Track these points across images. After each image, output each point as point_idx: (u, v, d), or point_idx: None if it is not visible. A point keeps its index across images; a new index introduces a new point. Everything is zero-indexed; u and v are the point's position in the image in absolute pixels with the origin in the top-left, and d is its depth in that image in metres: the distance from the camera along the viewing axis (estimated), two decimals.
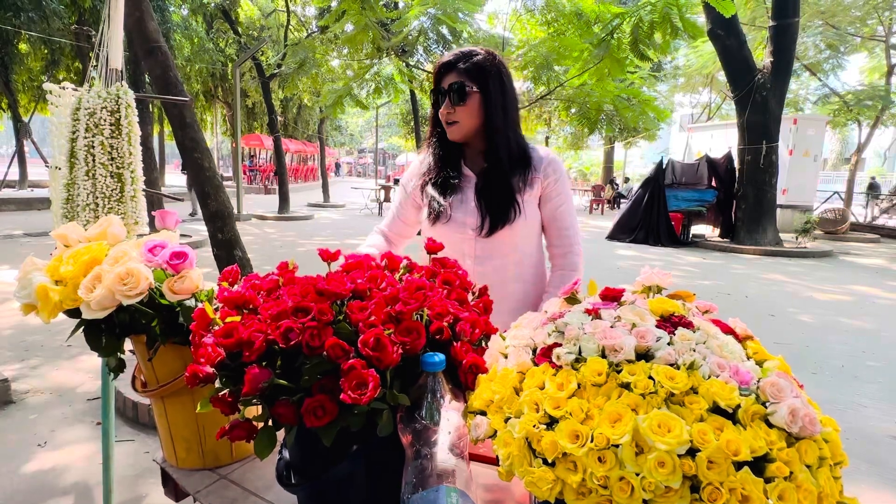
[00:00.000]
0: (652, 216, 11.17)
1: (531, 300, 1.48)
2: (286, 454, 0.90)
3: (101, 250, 0.93)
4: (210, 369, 0.74)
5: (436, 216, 1.42)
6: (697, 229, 11.96)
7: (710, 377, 0.58)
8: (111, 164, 1.43)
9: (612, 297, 0.71)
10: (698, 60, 16.95)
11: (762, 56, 10.82)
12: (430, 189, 1.43)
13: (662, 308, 0.68)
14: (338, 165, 47.95)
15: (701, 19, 9.91)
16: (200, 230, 9.99)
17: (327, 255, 0.94)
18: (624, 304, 0.69)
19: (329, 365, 0.70)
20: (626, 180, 23.74)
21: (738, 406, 0.55)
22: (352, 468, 0.78)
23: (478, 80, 1.33)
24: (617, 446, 0.52)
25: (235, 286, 0.92)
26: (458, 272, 0.92)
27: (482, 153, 1.42)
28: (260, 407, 0.76)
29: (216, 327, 0.80)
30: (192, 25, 16.65)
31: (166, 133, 21.42)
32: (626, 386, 0.57)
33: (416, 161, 1.54)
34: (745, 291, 6.71)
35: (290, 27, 13.83)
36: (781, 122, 10.55)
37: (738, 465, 0.50)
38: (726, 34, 10.05)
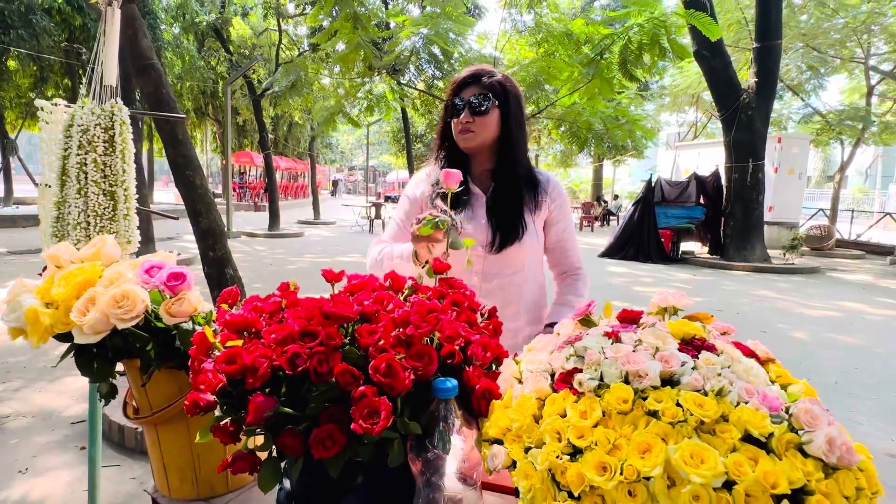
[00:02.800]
0: (642, 233, 11.26)
1: (532, 322, 1.47)
2: (287, 484, 0.86)
3: (94, 271, 0.90)
4: (211, 397, 0.70)
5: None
6: (686, 246, 12.06)
7: (738, 404, 0.56)
8: (104, 182, 1.39)
9: (630, 319, 0.69)
10: (684, 81, 17.29)
11: (746, 76, 11.06)
12: (439, 202, 1.42)
13: (683, 331, 0.66)
14: (335, 183, 42.88)
15: (686, 41, 10.12)
16: (190, 248, 9.88)
17: (331, 276, 0.91)
18: (643, 327, 0.67)
19: (337, 392, 0.67)
20: (616, 197, 23.97)
21: (771, 434, 0.52)
22: (359, 500, 0.74)
23: (499, 96, 1.35)
24: (648, 479, 0.50)
25: (235, 308, 0.89)
26: (466, 293, 0.90)
27: (489, 171, 1.43)
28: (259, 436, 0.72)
29: (216, 352, 0.77)
30: (183, 44, 16.68)
31: (155, 150, 21.31)
32: (654, 414, 0.55)
33: (420, 174, 1.53)
34: (736, 308, 6.74)
35: (282, 45, 13.91)
36: (767, 141, 10.74)
37: (777, 498, 0.48)
38: (712, 55, 10.27)
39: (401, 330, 0.73)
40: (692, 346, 0.64)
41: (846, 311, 6.83)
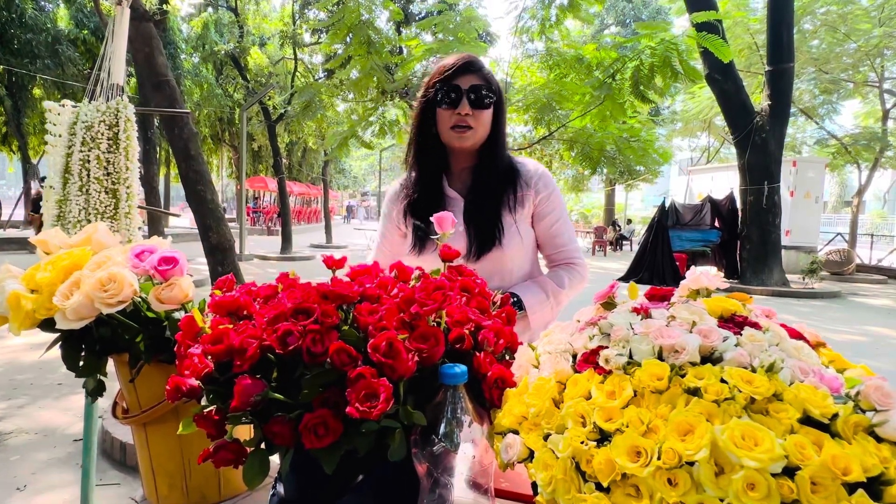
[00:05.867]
0: (656, 257, 11.10)
1: (523, 326, 1.37)
2: (280, 489, 0.78)
3: (83, 255, 0.85)
4: (195, 382, 0.64)
5: (422, 246, 1.30)
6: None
7: (792, 382, 0.48)
8: (106, 180, 1.36)
9: (660, 296, 0.62)
10: (696, 106, 17.29)
11: (759, 100, 11.02)
12: (413, 218, 1.32)
13: (722, 307, 0.59)
14: (349, 209, 40.67)
15: (699, 65, 10.13)
16: (202, 269, 9.92)
17: (332, 262, 0.85)
18: (675, 305, 0.60)
19: (333, 375, 0.60)
20: (629, 222, 23.83)
21: (835, 416, 0.45)
22: (357, 502, 0.66)
23: (496, 91, 1.24)
24: (692, 464, 0.42)
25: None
26: (477, 280, 0.83)
27: (470, 168, 1.31)
28: (252, 429, 0.65)
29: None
30: (202, 72, 17.13)
31: (172, 175, 21.70)
32: (694, 392, 0.47)
33: (393, 189, 1.42)
34: None
35: (298, 73, 14.22)
36: (781, 164, 10.63)
37: (850, 488, 0.40)
38: (723, 78, 10.26)
39: (405, 311, 0.67)
40: (733, 323, 0.56)
41: (871, 335, 6.60)
